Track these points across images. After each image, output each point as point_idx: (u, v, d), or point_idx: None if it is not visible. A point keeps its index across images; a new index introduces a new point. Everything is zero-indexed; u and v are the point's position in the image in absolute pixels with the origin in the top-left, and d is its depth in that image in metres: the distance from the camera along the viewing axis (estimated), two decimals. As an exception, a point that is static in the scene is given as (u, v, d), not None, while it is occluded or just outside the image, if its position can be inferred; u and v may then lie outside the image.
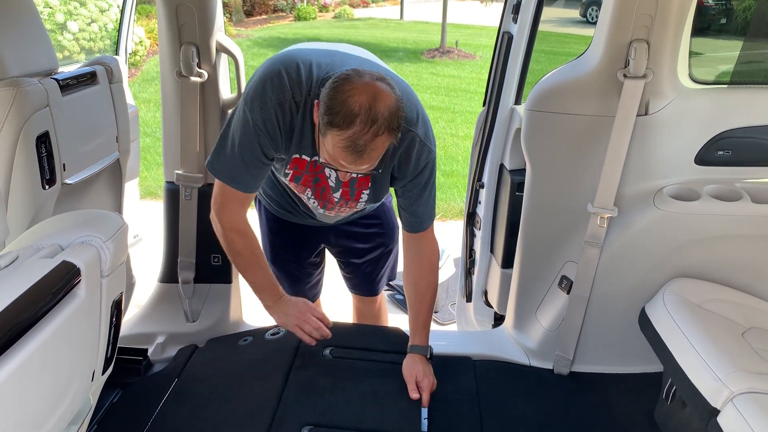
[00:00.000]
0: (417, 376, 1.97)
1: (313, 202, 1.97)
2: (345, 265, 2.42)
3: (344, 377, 2.02)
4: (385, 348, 2.16)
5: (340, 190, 1.89)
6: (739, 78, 2.22)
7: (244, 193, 1.81)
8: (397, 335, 2.24)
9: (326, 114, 1.49)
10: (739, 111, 2.03)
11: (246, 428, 1.81)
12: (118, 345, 1.49)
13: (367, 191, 1.88)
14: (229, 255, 1.93)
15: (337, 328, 2.08)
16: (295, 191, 1.96)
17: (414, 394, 1.95)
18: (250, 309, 2.61)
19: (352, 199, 1.92)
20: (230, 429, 1.83)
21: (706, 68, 2.19)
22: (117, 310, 1.38)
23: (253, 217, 2.41)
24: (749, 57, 2.42)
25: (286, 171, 1.83)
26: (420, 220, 1.91)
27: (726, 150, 2.06)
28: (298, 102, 1.65)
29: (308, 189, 1.91)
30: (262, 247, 2.35)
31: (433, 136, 1.81)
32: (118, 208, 2.59)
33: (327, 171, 1.84)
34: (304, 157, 1.79)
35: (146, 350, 2.31)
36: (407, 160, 1.76)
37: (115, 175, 2.49)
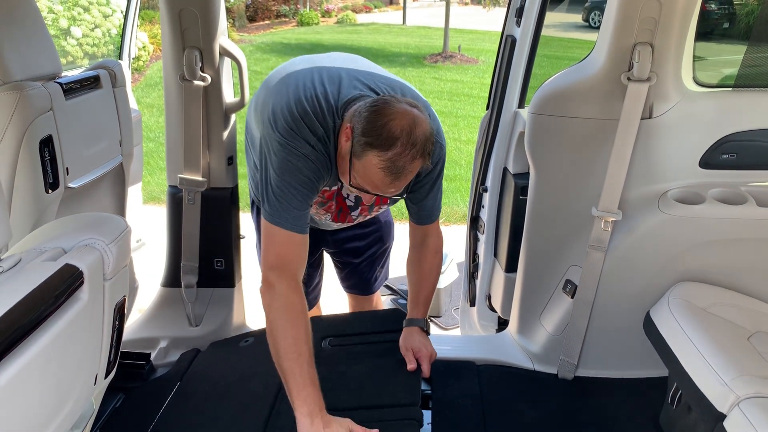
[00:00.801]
0: (414, 347, 1.97)
1: (327, 219, 2.00)
2: (342, 265, 2.43)
3: (343, 363, 2.02)
4: (381, 329, 2.16)
5: (359, 208, 1.92)
6: (744, 81, 2.21)
7: (302, 235, 1.68)
8: (394, 315, 2.24)
9: (365, 135, 1.52)
10: (744, 114, 2.02)
11: (245, 421, 1.81)
12: (120, 349, 1.48)
13: (386, 205, 1.92)
14: (282, 332, 1.61)
15: (334, 319, 2.06)
16: (312, 212, 1.96)
17: (411, 365, 1.94)
18: (253, 313, 2.60)
19: (370, 214, 1.97)
20: (230, 423, 1.82)
21: (710, 71, 2.18)
22: (120, 313, 1.38)
23: (246, 222, 2.40)
24: (753, 60, 2.41)
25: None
26: (429, 213, 1.94)
27: (731, 153, 2.05)
28: (328, 135, 1.66)
29: (328, 214, 1.96)
30: (258, 250, 2.35)
31: (442, 130, 1.84)
32: (121, 212, 2.58)
33: (345, 191, 1.86)
34: (332, 188, 1.83)
35: (149, 354, 2.30)
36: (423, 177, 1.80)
37: (118, 179, 2.49)
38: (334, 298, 3.04)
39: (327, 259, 2.49)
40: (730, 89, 2.13)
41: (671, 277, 2.08)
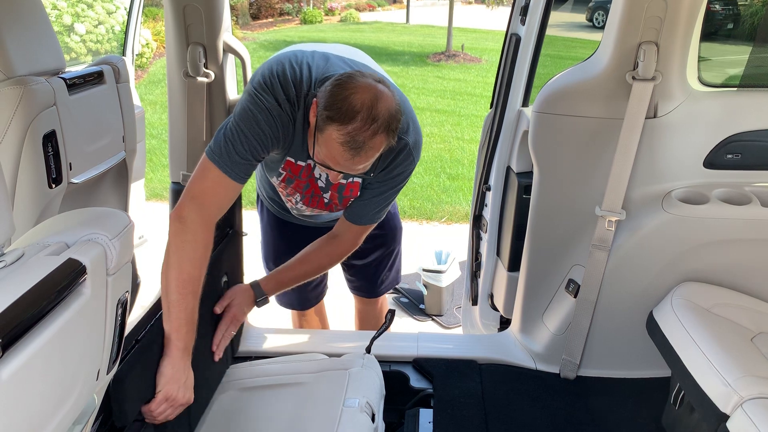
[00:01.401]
0: (233, 303, 1.89)
1: (301, 206, 1.97)
2: (347, 267, 2.42)
3: None
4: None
5: (329, 192, 1.89)
6: (749, 81, 2.20)
7: (234, 181, 1.66)
8: None
9: (326, 109, 1.49)
10: (749, 114, 2.01)
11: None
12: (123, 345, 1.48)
13: (356, 190, 1.88)
14: (180, 265, 1.59)
15: None
16: (282, 193, 1.95)
17: (218, 310, 1.87)
18: (256, 311, 2.60)
19: (340, 203, 1.92)
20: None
21: (715, 71, 2.18)
22: (123, 309, 1.38)
23: (253, 217, 2.41)
24: (759, 60, 2.41)
25: (280, 170, 1.83)
26: (358, 214, 1.87)
27: (735, 153, 2.04)
28: (299, 100, 1.65)
29: (297, 194, 1.91)
30: (262, 247, 2.35)
31: (420, 146, 1.80)
32: (124, 208, 2.58)
33: (317, 172, 1.84)
34: (299, 162, 1.79)
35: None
36: (392, 163, 1.76)
37: (121, 175, 2.49)
38: (339, 301, 3.05)
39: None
40: (735, 89, 2.12)
41: (675, 277, 2.08)
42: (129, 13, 3.51)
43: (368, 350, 2.05)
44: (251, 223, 2.37)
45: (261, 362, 2.09)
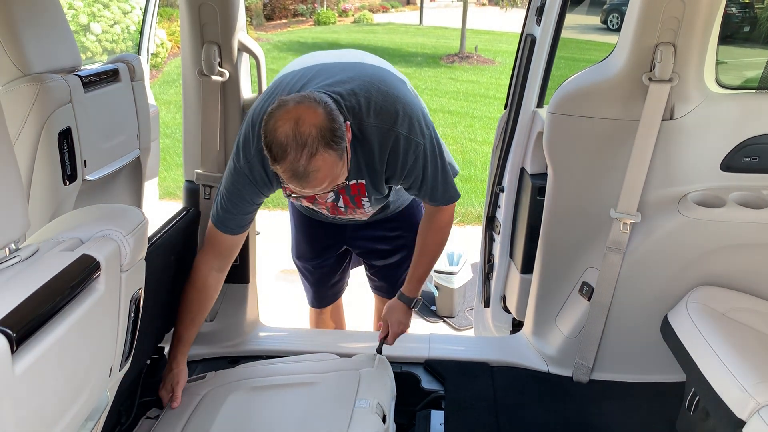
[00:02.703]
0: (391, 322, 2.04)
1: (326, 213, 2.02)
2: (369, 266, 2.45)
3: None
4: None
5: (341, 198, 1.90)
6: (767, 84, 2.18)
7: (226, 234, 1.85)
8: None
9: (265, 151, 1.52)
10: (767, 117, 1.99)
11: None
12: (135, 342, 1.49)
13: (366, 198, 1.88)
14: (185, 303, 1.95)
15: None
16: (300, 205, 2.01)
17: (382, 334, 2.05)
18: (267, 309, 2.61)
19: (355, 206, 1.93)
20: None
21: (732, 73, 2.15)
22: (136, 306, 1.38)
23: (262, 218, 2.41)
24: (777, 63, 2.38)
25: (284, 196, 1.86)
26: (436, 200, 1.92)
27: (753, 156, 2.02)
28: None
29: (311, 206, 1.99)
30: (292, 242, 2.40)
31: (421, 125, 1.75)
32: (138, 206, 2.60)
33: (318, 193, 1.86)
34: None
35: (163, 348, 2.30)
36: (395, 159, 1.74)
37: (135, 173, 2.50)
38: (360, 299, 3.05)
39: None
40: (754, 91, 2.09)
41: (690, 280, 2.06)
42: (144, 13, 3.54)
43: (379, 351, 2.04)
44: (263, 222, 2.38)
45: (272, 361, 2.09)
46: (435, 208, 1.95)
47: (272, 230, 4.00)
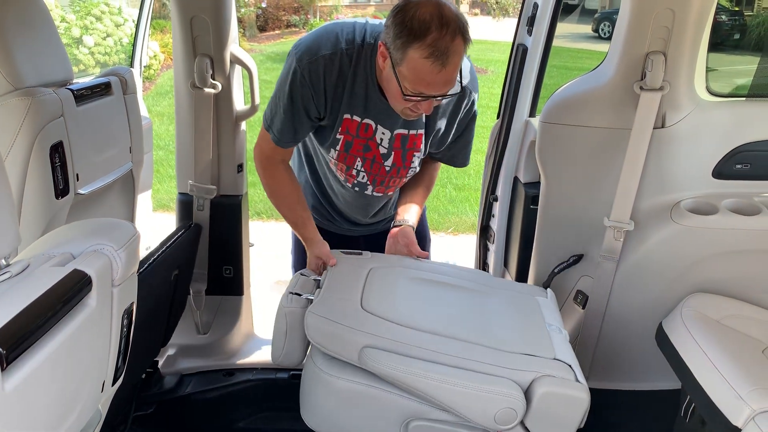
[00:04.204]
0: (408, 243, 1.96)
1: (363, 177, 1.96)
2: None
3: None
4: None
5: (392, 155, 1.89)
6: (758, 90, 2.20)
7: (282, 148, 1.86)
8: None
9: (398, 38, 1.52)
10: (758, 124, 2.00)
11: None
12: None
13: (419, 151, 1.91)
14: (274, 192, 1.95)
15: None
16: (341, 170, 1.95)
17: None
18: (261, 321, 2.59)
19: (403, 165, 1.92)
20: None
21: (723, 81, 2.17)
22: (128, 320, 1.37)
23: (256, 229, 2.41)
24: (766, 71, 2.40)
25: (337, 137, 1.83)
26: (464, 161, 2.05)
27: (744, 163, 2.03)
28: (350, 55, 1.69)
29: (358, 159, 1.90)
30: (292, 254, 2.33)
31: (475, 78, 1.87)
32: (131, 219, 2.59)
33: (378, 136, 1.84)
34: (355, 117, 1.79)
35: (157, 362, 2.29)
36: (457, 110, 1.85)
37: (128, 186, 2.49)
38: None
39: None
40: (744, 99, 2.11)
41: (684, 288, 2.06)
42: (137, 26, 3.54)
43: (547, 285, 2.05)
44: (257, 234, 2.37)
45: (429, 262, 2.00)
46: (432, 162, 2.07)
47: (266, 242, 3.99)
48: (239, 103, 2.31)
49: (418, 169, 2.00)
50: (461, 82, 1.66)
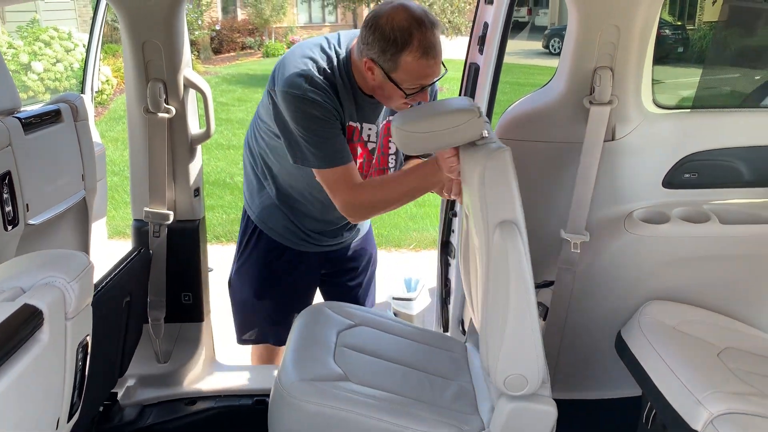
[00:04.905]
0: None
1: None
2: (328, 294, 2.37)
3: None
4: None
5: (377, 142, 1.98)
6: (701, 102, 2.27)
7: (348, 166, 1.82)
8: None
9: (386, 51, 1.65)
10: (703, 134, 2.07)
11: None
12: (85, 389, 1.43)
13: (391, 141, 1.99)
14: (387, 205, 1.94)
15: None
16: None
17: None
18: (223, 347, 2.55)
19: (382, 152, 2.02)
20: None
21: (669, 93, 2.24)
22: (83, 353, 1.33)
23: (214, 254, 2.37)
24: (709, 83, 2.49)
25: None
26: None
27: (692, 173, 2.09)
28: (332, 69, 1.78)
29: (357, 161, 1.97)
30: (251, 282, 2.28)
31: None
32: (85, 248, 2.52)
33: (365, 135, 1.93)
34: (350, 123, 1.87)
35: (116, 394, 2.23)
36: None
37: (82, 214, 2.43)
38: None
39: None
40: (689, 110, 2.18)
41: (641, 296, 2.10)
42: (87, 50, 3.48)
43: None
44: (215, 259, 2.34)
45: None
46: None
47: (226, 266, 3.93)
48: (194, 127, 2.28)
49: (395, 157, 2.07)
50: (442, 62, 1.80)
